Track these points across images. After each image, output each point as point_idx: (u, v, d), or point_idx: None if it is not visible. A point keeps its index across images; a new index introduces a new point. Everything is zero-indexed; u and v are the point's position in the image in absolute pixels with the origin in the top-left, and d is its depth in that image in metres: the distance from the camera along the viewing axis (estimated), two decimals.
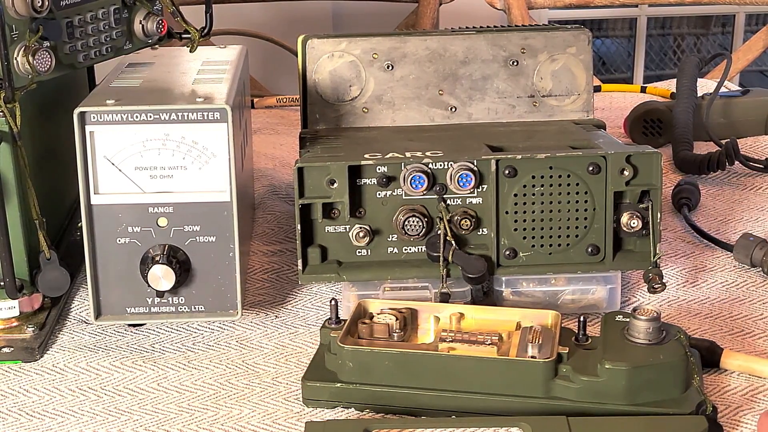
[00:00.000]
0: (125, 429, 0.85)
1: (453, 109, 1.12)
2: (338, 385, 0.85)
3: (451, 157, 0.97)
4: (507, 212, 0.98)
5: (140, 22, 0.99)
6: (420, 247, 0.99)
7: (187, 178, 0.92)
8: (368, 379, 0.84)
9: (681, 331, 0.85)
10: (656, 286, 0.99)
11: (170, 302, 0.94)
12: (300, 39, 1.11)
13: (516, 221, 0.98)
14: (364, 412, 0.84)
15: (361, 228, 0.98)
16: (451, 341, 0.85)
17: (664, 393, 0.81)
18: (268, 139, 1.54)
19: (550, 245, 0.99)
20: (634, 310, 0.84)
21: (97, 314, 0.94)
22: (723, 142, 1.36)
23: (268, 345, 0.97)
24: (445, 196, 0.98)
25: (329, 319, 0.90)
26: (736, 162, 1.33)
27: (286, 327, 1.00)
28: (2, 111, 0.88)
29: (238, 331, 0.99)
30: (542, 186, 0.97)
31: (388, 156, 0.97)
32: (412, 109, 1.12)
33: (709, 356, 0.90)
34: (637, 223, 0.98)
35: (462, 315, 0.90)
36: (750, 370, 0.89)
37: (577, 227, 0.99)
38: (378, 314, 0.89)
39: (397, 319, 0.88)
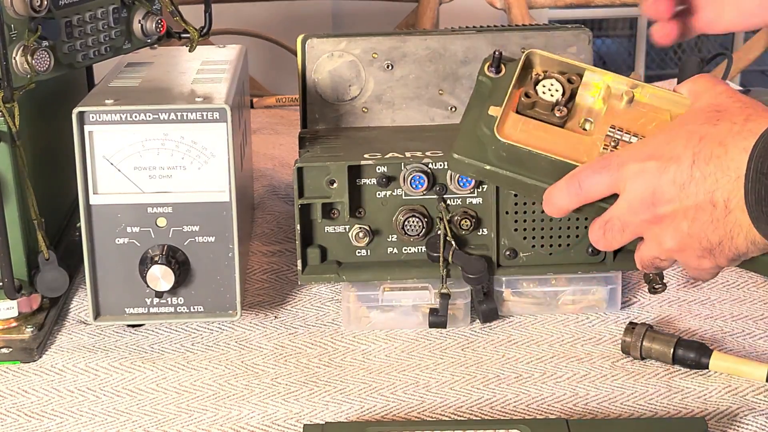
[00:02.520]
0: (124, 429, 0.85)
1: (453, 109, 1.12)
2: (488, 168, 0.82)
3: None
4: (507, 212, 0.98)
5: (139, 22, 0.99)
6: (420, 247, 0.99)
7: (187, 178, 0.91)
8: (518, 170, 0.82)
9: None
10: (657, 287, 0.99)
11: (169, 303, 0.94)
12: (300, 38, 1.10)
13: (516, 221, 0.98)
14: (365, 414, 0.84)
15: (360, 228, 0.98)
16: (615, 146, 0.81)
17: None
18: (268, 139, 1.53)
19: (551, 245, 0.99)
20: None
21: (96, 315, 0.93)
22: None
23: (268, 345, 0.97)
24: (445, 196, 0.98)
25: (489, 63, 0.86)
26: None
27: (285, 327, 1.00)
28: (1, 111, 0.88)
29: (237, 332, 0.99)
30: None
31: (388, 156, 0.97)
32: (412, 108, 1.12)
33: (699, 358, 0.90)
34: None
35: (633, 94, 0.84)
36: (738, 372, 0.89)
37: (577, 227, 0.98)
38: (543, 79, 0.84)
39: (563, 93, 0.83)
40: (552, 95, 0.83)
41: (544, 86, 0.84)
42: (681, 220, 0.74)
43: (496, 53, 0.85)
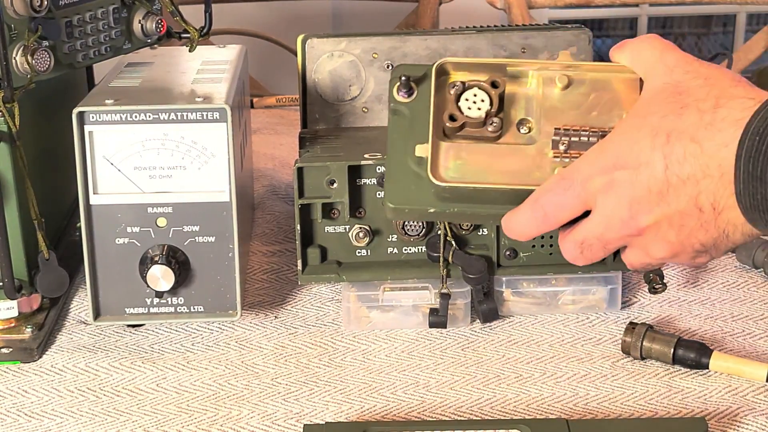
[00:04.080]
0: (124, 429, 0.85)
1: None
2: (432, 210, 0.76)
3: None
4: None
5: (139, 22, 0.99)
6: (420, 248, 0.99)
7: (187, 178, 0.91)
8: (467, 204, 0.75)
9: None
10: (657, 287, 0.99)
11: (169, 303, 0.93)
12: (300, 38, 1.10)
13: None
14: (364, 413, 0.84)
15: (360, 228, 0.98)
16: (566, 149, 0.73)
17: None
18: (268, 139, 1.53)
19: (551, 245, 0.99)
20: None
21: (96, 315, 0.93)
22: None
23: (268, 345, 0.97)
24: None
25: (398, 86, 0.78)
26: None
27: (285, 327, 1.00)
28: (1, 111, 0.88)
29: (237, 332, 0.99)
30: None
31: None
32: None
33: (699, 358, 0.90)
34: None
35: (568, 78, 0.76)
36: (739, 372, 0.89)
37: None
38: (464, 91, 0.76)
39: (491, 102, 0.74)
40: (479, 108, 0.75)
41: (467, 100, 0.76)
42: (666, 229, 0.69)
43: (403, 78, 0.78)
